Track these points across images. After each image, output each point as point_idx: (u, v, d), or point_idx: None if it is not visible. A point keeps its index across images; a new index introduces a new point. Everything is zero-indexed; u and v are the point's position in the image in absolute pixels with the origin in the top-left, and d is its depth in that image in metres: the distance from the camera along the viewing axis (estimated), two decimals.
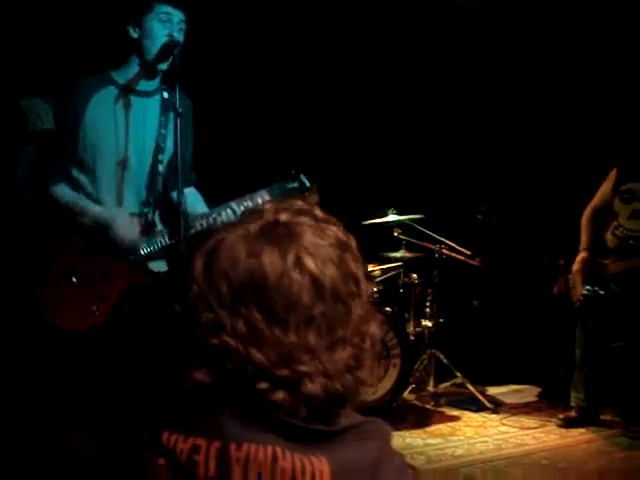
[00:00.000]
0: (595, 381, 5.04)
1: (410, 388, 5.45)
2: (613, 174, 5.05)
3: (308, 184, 3.49)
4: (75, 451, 0.99)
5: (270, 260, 0.97)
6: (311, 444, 0.95)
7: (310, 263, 0.98)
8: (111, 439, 0.97)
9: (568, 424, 5.02)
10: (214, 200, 3.40)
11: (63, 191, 3.18)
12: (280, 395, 0.95)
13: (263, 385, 0.94)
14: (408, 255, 5.59)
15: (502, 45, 6.52)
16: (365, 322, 1.03)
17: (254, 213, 1.04)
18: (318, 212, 1.07)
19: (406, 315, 5.58)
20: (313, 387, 0.96)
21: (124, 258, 3.14)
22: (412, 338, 5.42)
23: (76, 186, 3.20)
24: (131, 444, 0.96)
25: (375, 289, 5.44)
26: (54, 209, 3.18)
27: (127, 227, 3.14)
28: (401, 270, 5.69)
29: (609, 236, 4.94)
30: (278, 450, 0.92)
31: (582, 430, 4.95)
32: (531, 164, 6.64)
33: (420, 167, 6.68)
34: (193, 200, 3.39)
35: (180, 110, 2.94)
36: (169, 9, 3.10)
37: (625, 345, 4.95)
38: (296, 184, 3.44)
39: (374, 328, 1.06)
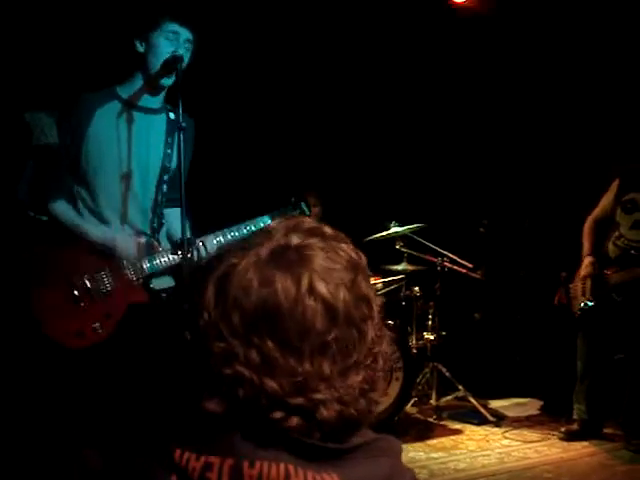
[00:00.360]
0: (597, 393, 5.03)
1: (412, 401, 5.45)
2: (615, 185, 5.05)
3: (308, 212, 3.53)
4: (86, 465, 0.98)
5: (283, 287, 0.96)
6: (323, 462, 0.94)
7: (323, 289, 0.97)
8: (123, 455, 0.97)
9: (570, 437, 5.01)
10: (215, 224, 3.40)
11: (62, 208, 3.17)
12: (294, 421, 0.94)
13: (277, 414, 0.94)
14: (410, 268, 5.60)
15: (505, 57, 6.54)
16: (378, 343, 1.03)
17: (263, 234, 1.03)
18: (327, 230, 1.06)
19: (408, 328, 5.58)
20: (328, 414, 0.96)
21: (127, 276, 3.15)
22: (414, 351, 5.42)
23: (77, 201, 3.19)
24: (143, 460, 0.95)
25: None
26: (55, 224, 3.18)
27: (127, 248, 3.14)
28: (403, 283, 5.70)
29: (610, 246, 4.94)
30: (291, 468, 0.92)
31: (585, 443, 4.94)
32: (533, 177, 6.66)
33: (422, 180, 6.69)
34: (174, 222, 3.35)
35: (184, 125, 2.95)
36: (177, 27, 3.12)
37: (627, 357, 4.94)
38: (297, 212, 3.46)
39: (385, 347, 1.05)
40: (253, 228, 3.25)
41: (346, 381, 0.98)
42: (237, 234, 3.26)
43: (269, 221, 3.28)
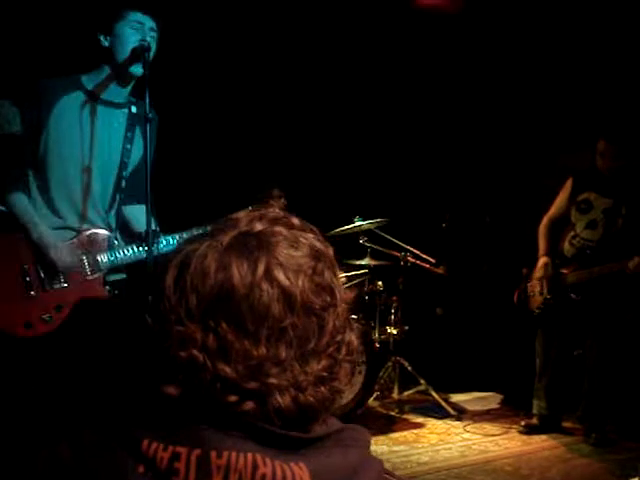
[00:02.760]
0: (556, 389, 5.10)
1: (375, 395, 5.48)
2: (569, 184, 5.09)
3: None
4: (54, 458, 0.97)
5: (239, 272, 0.96)
6: (291, 451, 0.94)
7: (280, 275, 0.97)
8: (90, 447, 0.96)
9: (530, 431, 5.08)
10: (177, 220, 3.37)
11: (16, 200, 3.09)
12: (249, 405, 0.94)
13: (232, 398, 0.94)
14: (373, 262, 5.61)
15: (466, 57, 6.60)
16: (341, 332, 1.02)
17: (229, 222, 1.03)
18: (294, 220, 1.06)
19: (371, 322, 5.60)
20: (282, 400, 0.95)
21: (82, 270, 3.11)
22: (377, 345, 5.44)
23: (32, 191, 3.14)
24: (110, 452, 0.95)
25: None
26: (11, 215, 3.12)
27: (64, 255, 3.07)
28: (366, 277, 5.71)
29: (566, 246, 4.99)
30: (258, 457, 0.92)
31: (544, 437, 5.01)
32: (495, 172, 6.72)
33: (385, 175, 6.71)
34: (139, 217, 3.33)
35: (150, 116, 2.92)
36: (140, 16, 3.09)
37: (584, 353, 5.01)
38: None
39: (350, 337, 1.05)
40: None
41: (304, 368, 0.98)
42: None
43: None
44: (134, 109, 3.26)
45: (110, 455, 0.94)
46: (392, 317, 5.66)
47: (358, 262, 5.64)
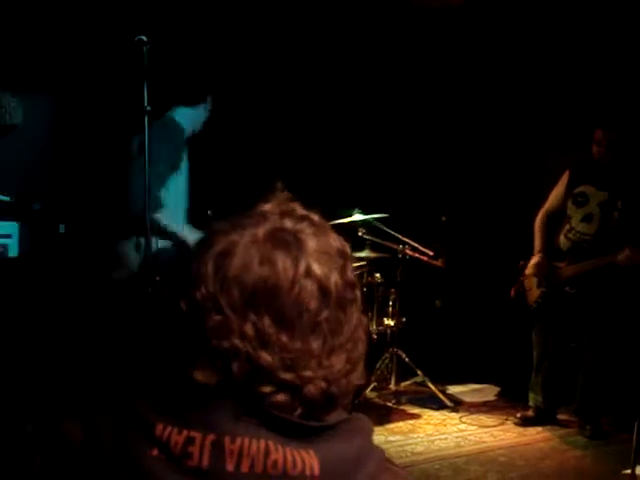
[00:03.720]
0: (552, 382, 5.14)
1: (372, 386, 5.51)
2: (565, 177, 5.10)
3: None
4: (66, 440, 0.99)
5: (282, 267, 0.99)
6: (301, 439, 0.97)
7: (318, 271, 1.01)
8: (104, 429, 0.98)
9: (526, 423, 5.12)
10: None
11: None
12: (282, 397, 0.97)
13: (267, 389, 0.97)
14: (372, 255, 5.64)
15: (461, 52, 6.62)
16: (358, 328, 1.07)
17: (258, 215, 1.06)
18: (316, 218, 1.09)
19: (369, 314, 5.63)
20: (314, 391, 0.99)
21: None
22: (375, 337, 5.47)
23: None
24: (124, 435, 0.97)
25: None
26: None
27: None
28: (365, 269, 5.74)
29: (562, 239, 5.01)
30: (270, 444, 0.95)
31: (539, 429, 5.06)
32: (495, 166, 6.74)
33: (385, 168, 6.74)
34: None
35: (148, 108, 2.98)
36: None
37: (580, 346, 5.04)
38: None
39: (363, 333, 1.09)
40: None
41: (331, 360, 1.01)
42: None
43: None
44: None
45: (124, 438, 0.96)
46: (390, 309, 5.68)
47: (357, 254, 5.67)
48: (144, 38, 3.09)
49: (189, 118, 3.98)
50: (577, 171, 5.05)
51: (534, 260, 5.07)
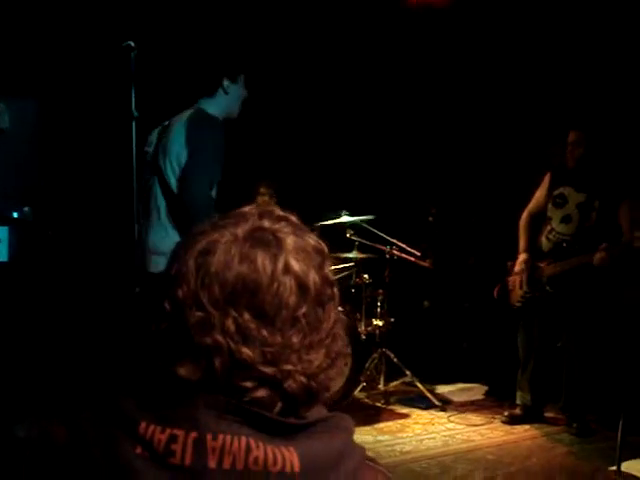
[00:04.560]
0: (539, 380, 5.19)
1: (361, 386, 5.55)
2: (546, 179, 5.20)
3: None
4: (52, 440, 1.01)
5: (262, 264, 1.02)
6: (283, 436, 1.00)
7: (297, 267, 1.04)
8: (88, 428, 1.00)
9: (513, 421, 5.16)
10: None
11: None
12: (263, 392, 1.00)
13: (248, 384, 1.00)
14: (360, 256, 5.68)
15: (451, 53, 6.66)
16: (337, 324, 1.10)
17: (238, 216, 1.09)
18: (294, 219, 1.12)
19: (357, 315, 5.67)
20: (295, 385, 1.02)
21: None
22: (363, 337, 5.51)
23: None
24: (108, 434, 0.99)
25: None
26: None
27: None
28: (353, 270, 5.79)
29: (543, 240, 5.09)
30: (252, 441, 0.97)
31: (526, 427, 5.10)
32: (481, 166, 6.78)
33: (372, 169, 6.77)
34: None
35: (135, 114, 3.00)
36: None
37: (563, 345, 5.10)
38: None
39: (341, 330, 1.12)
40: None
41: (310, 356, 1.04)
42: None
43: None
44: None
45: (108, 436, 0.98)
46: (378, 309, 5.73)
47: (345, 255, 5.71)
48: (132, 44, 3.12)
49: (217, 105, 3.67)
50: (557, 173, 5.15)
51: (521, 258, 5.14)
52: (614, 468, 4.00)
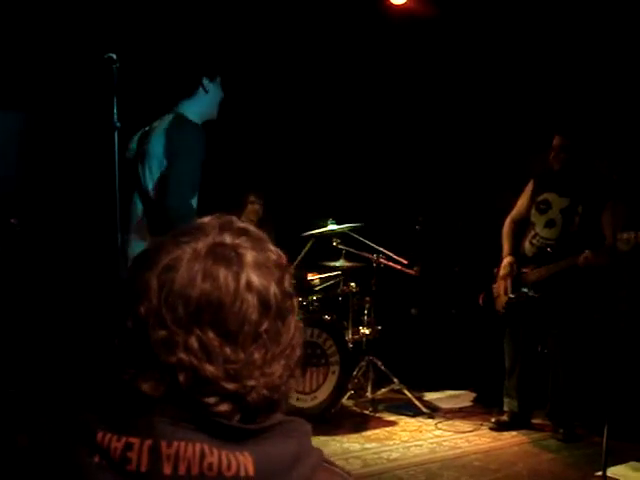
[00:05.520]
0: (526, 387, 5.21)
1: (349, 394, 5.57)
2: (530, 186, 5.25)
3: None
4: (15, 450, 1.03)
5: (225, 282, 1.03)
6: (237, 442, 1.01)
7: (258, 283, 1.05)
8: (48, 437, 1.02)
9: (500, 427, 5.18)
10: None
11: None
12: (225, 407, 1.01)
13: (211, 400, 1.01)
14: (347, 264, 5.69)
15: (435, 63, 6.70)
16: (296, 335, 1.12)
17: (197, 229, 1.10)
18: (254, 231, 1.14)
19: (345, 323, 5.69)
20: (257, 398, 1.03)
21: None
22: (350, 345, 5.52)
23: None
24: (67, 443, 1.01)
25: (315, 297, 5.56)
26: None
27: None
28: (340, 279, 5.81)
29: (527, 245, 5.12)
30: (206, 447, 0.98)
31: (513, 433, 5.12)
32: (467, 175, 6.82)
33: (359, 178, 6.80)
34: None
35: (118, 125, 3.02)
36: None
37: (548, 350, 5.12)
38: None
39: (300, 339, 1.14)
40: None
41: (271, 369, 1.06)
42: None
43: None
44: None
45: (67, 446, 1.00)
46: (365, 317, 5.75)
47: (332, 264, 5.72)
48: (114, 56, 3.13)
49: (198, 107, 3.61)
50: (540, 180, 5.20)
51: (506, 260, 5.16)
52: (600, 473, 4.02)
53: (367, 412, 5.56)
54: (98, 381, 1.08)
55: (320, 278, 5.79)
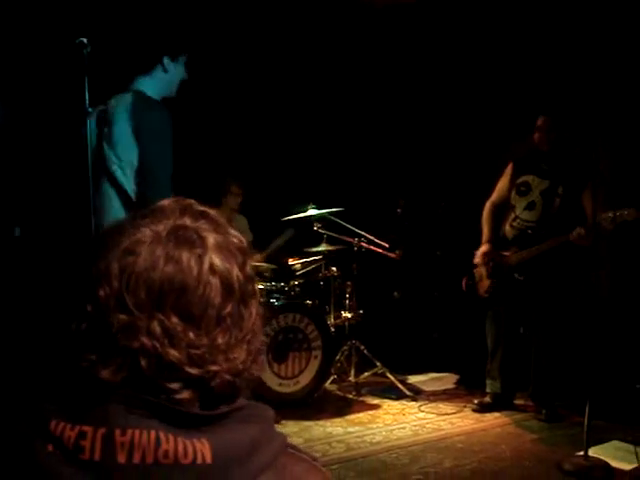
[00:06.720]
0: (509, 368, 5.23)
1: (332, 378, 5.57)
2: (509, 169, 5.24)
3: None
4: None
5: (188, 265, 1.00)
6: (194, 428, 0.98)
7: (221, 266, 1.03)
8: (0, 427, 1.00)
9: (483, 409, 5.20)
10: None
11: None
12: (187, 394, 0.99)
13: (174, 385, 0.98)
14: (328, 248, 5.68)
15: (415, 48, 6.68)
16: (257, 320, 1.10)
17: (158, 211, 1.07)
18: (213, 214, 1.11)
19: (327, 307, 5.68)
20: (220, 384, 1.01)
21: None
22: (333, 330, 5.51)
23: None
24: (19, 432, 0.98)
25: (296, 282, 5.54)
26: None
27: None
28: (321, 263, 5.79)
29: (508, 228, 5.12)
30: (161, 434, 0.96)
31: (496, 414, 5.14)
32: (448, 158, 6.81)
33: (339, 162, 6.78)
34: None
35: (90, 110, 2.97)
36: None
37: (531, 332, 5.13)
38: None
39: (261, 325, 1.12)
40: None
41: (235, 354, 1.04)
42: None
43: None
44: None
45: (20, 436, 0.98)
46: (347, 302, 5.74)
47: (313, 248, 5.71)
48: (84, 40, 3.08)
49: (154, 85, 3.48)
50: (520, 163, 5.19)
51: (481, 249, 5.17)
52: (582, 453, 4.03)
53: (350, 396, 5.55)
54: (56, 369, 1.05)
55: (301, 263, 5.77)
